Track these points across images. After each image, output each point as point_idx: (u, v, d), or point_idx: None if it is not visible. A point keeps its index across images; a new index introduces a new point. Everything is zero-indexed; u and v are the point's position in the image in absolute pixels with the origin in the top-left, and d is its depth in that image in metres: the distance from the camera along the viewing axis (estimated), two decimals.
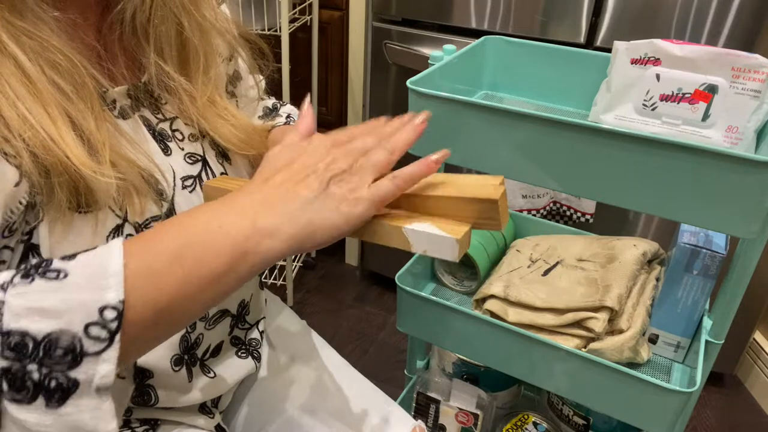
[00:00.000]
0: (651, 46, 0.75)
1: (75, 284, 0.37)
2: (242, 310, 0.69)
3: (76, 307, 0.36)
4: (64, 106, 0.47)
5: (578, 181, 0.69)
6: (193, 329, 0.62)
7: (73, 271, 0.37)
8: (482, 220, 0.47)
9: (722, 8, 1.16)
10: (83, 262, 0.38)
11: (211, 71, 0.61)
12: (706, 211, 0.63)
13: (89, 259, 0.38)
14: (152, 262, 0.39)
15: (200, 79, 0.60)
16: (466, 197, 0.47)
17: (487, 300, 0.87)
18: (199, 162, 0.61)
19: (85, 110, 0.49)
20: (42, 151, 0.44)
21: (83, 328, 0.36)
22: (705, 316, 0.81)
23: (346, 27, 1.61)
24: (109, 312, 0.36)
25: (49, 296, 0.36)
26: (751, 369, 1.58)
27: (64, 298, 0.36)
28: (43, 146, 0.44)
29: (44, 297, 0.36)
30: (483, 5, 1.35)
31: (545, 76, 0.91)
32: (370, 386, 0.77)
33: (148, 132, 0.57)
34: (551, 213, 1.38)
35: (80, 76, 0.49)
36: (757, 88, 0.71)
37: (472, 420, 0.99)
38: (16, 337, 0.35)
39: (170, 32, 0.56)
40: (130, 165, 0.51)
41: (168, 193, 0.56)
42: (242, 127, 0.63)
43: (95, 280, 0.37)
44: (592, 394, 0.78)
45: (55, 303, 0.36)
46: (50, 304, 0.36)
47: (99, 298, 0.36)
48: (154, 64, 0.57)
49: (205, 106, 0.60)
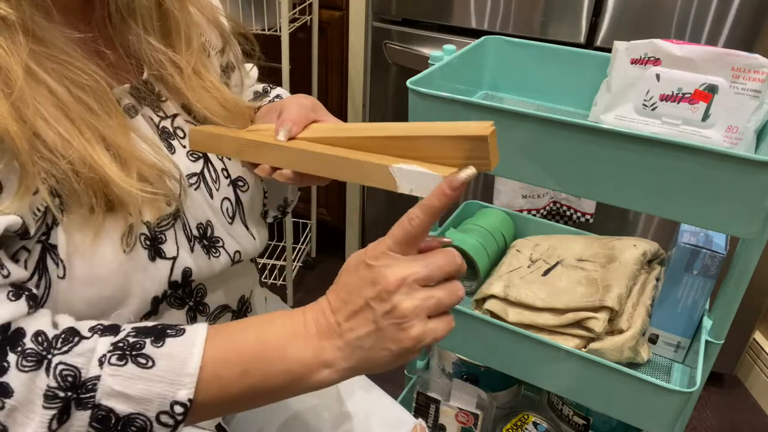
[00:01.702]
0: (651, 46, 0.75)
1: (158, 376, 0.44)
2: (243, 306, 0.69)
3: (154, 399, 0.43)
4: (95, 124, 0.49)
5: (578, 181, 0.69)
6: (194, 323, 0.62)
7: (158, 363, 0.44)
8: (472, 160, 0.45)
9: (722, 8, 1.16)
10: (169, 354, 0.45)
11: (193, 42, 0.61)
12: (706, 211, 0.63)
13: (175, 352, 0.45)
14: (224, 371, 0.46)
15: (184, 49, 0.60)
16: (454, 135, 0.46)
17: (487, 300, 0.87)
18: (201, 159, 0.61)
19: (114, 126, 0.51)
20: (86, 170, 0.47)
21: (155, 415, 0.44)
22: (705, 316, 0.81)
23: (346, 27, 1.61)
24: (178, 407, 0.44)
25: (136, 384, 0.43)
26: (751, 369, 1.58)
27: (147, 388, 0.43)
28: (86, 165, 0.47)
29: (132, 384, 0.43)
30: (483, 5, 1.35)
31: (545, 76, 0.91)
32: (371, 385, 0.77)
33: (152, 130, 0.58)
34: (551, 213, 1.38)
35: (102, 91, 0.50)
36: (757, 88, 0.71)
37: (472, 420, 0.99)
38: (103, 412, 0.43)
39: (150, 4, 0.57)
40: (151, 169, 0.52)
41: (176, 192, 0.56)
42: (227, 100, 0.63)
43: (174, 376, 0.44)
44: (592, 394, 0.78)
45: (139, 392, 0.43)
46: (135, 392, 0.43)
47: (174, 394, 0.44)
48: (141, 39, 0.57)
49: (191, 78, 0.60)
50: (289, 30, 1.41)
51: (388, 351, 0.45)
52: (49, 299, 0.48)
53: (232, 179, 0.64)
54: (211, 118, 0.62)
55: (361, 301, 0.45)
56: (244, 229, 0.65)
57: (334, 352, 0.46)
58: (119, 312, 0.52)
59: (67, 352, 0.43)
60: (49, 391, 0.42)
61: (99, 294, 0.50)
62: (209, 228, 0.60)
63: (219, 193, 0.62)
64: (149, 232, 0.53)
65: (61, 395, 0.42)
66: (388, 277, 0.44)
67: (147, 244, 0.53)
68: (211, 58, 0.66)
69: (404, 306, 0.44)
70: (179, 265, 0.56)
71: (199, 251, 0.58)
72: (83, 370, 0.43)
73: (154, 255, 0.54)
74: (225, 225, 0.62)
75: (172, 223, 0.56)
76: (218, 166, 0.63)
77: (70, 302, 0.49)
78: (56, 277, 0.48)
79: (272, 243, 1.83)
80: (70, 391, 0.42)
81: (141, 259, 0.52)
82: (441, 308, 0.46)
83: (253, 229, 0.66)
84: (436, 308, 0.45)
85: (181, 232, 0.57)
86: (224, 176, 0.63)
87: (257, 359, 0.46)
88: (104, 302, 0.51)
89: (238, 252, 0.63)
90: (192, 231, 0.58)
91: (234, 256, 0.62)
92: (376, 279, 0.45)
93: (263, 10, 1.45)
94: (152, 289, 0.54)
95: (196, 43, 0.62)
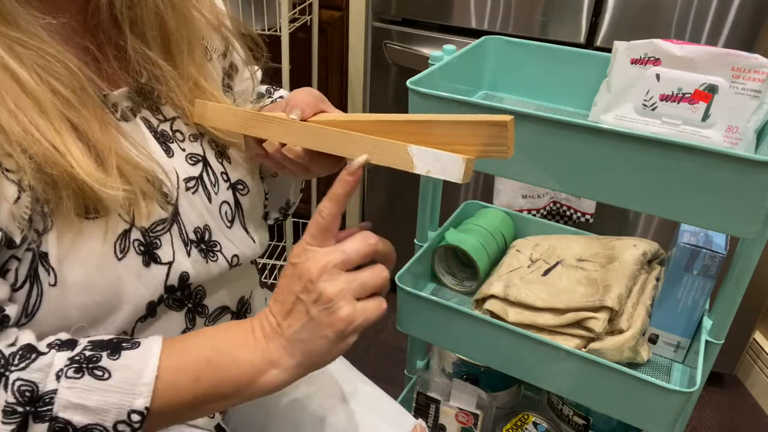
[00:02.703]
0: (651, 46, 0.75)
1: (114, 387, 0.45)
2: (242, 307, 0.69)
3: (111, 409, 0.44)
4: (66, 114, 0.47)
5: (578, 181, 0.69)
6: (193, 325, 0.62)
7: (114, 374, 0.45)
8: (491, 147, 0.46)
9: (722, 8, 1.16)
10: (125, 365, 0.46)
11: (195, 52, 0.61)
12: (706, 211, 0.63)
13: (130, 363, 0.46)
14: (177, 379, 0.47)
15: (184, 61, 0.59)
16: (475, 120, 0.46)
17: (487, 300, 0.87)
18: (200, 162, 0.61)
19: (89, 116, 0.49)
20: (48, 164, 0.45)
21: (113, 425, 0.45)
22: (705, 316, 0.81)
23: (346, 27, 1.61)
24: (135, 416, 0.45)
25: (92, 395, 0.44)
26: (751, 369, 1.57)
27: (104, 399, 0.44)
28: (49, 159, 0.45)
29: (89, 396, 0.44)
30: (483, 5, 1.35)
31: (545, 76, 0.91)
32: (371, 385, 0.77)
33: (149, 134, 0.57)
34: (551, 213, 1.38)
35: (79, 81, 0.49)
36: (757, 88, 0.71)
37: (472, 420, 0.99)
38: (61, 424, 0.43)
39: (148, 15, 0.55)
40: (135, 169, 0.51)
41: (172, 196, 0.56)
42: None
43: (130, 386, 0.45)
44: (592, 394, 0.78)
45: (96, 403, 0.44)
46: (92, 403, 0.44)
47: (130, 404, 0.45)
48: (138, 51, 0.56)
49: (191, 91, 0.60)
50: (289, 30, 1.41)
51: (325, 338, 0.48)
52: (41, 307, 0.48)
53: (232, 183, 0.63)
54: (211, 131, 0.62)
55: (292, 298, 0.49)
56: (244, 232, 0.64)
57: (279, 351, 0.49)
58: (114, 317, 0.52)
59: (24, 368, 0.44)
60: (7, 406, 0.42)
61: (92, 300, 0.50)
62: (207, 232, 0.60)
63: (218, 197, 0.61)
64: (143, 237, 0.53)
65: (20, 410, 0.43)
66: (310, 269, 0.48)
67: (141, 250, 0.53)
68: (213, 61, 0.66)
69: (329, 291, 0.47)
70: (176, 270, 0.56)
71: (196, 255, 0.58)
72: (41, 384, 0.44)
73: (148, 260, 0.53)
74: (223, 229, 0.62)
75: (167, 228, 0.55)
76: (218, 169, 0.62)
77: (63, 309, 0.49)
78: (48, 284, 0.48)
79: (272, 243, 1.83)
80: (28, 406, 0.43)
81: (135, 265, 0.52)
82: (367, 289, 0.49)
83: (253, 232, 0.66)
84: (362, 289, 0.49)
85: (177, 236, 0.56)
86: (224, 180, 0.62)
87: (210, 366, 0.48)
88: (98, 308, 0.51)
89: (236, 256, 0.63)
90: (189, 235, 0.58)
91: (232, 260, 0.62)
92: (301, 273, 0.49)
93: (263, 10, 1.45)
94: (147, 294, 0.54)
95: (198, 52, 0.61)
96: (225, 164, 0.63)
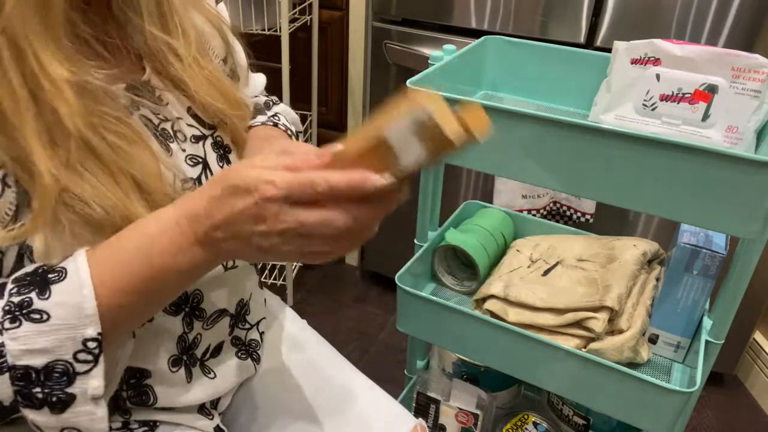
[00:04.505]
0: (651, 46, 0.75)
1: (57, 324, 0.44)
2: (241, 309, 0.69)
3: (65, 343, 0.44)
4: (129, 171, 0.50)
5: (578, 181, 0.69)
6: (191, 329, 0.62)
7: (53, 313, 0.44)
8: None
9: (722, 8, 1.16)
10: (59, 303, 0.44)
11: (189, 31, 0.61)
12: (706, 211, 0.63)
13: (64, 300, 0.44)
14: (119, 300, 0.46)
15: (182, 37, 0.59)
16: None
17: (487, 300, 0.87)
18: (200, 164, 0.61)
19: (144, 163, 0.52)
20: (119, 219, 0.49)
21: (72, 355, 0.44)
22: (705, 316, 0.81)
23: (346, 27, 1.61)
24: (91, 342, 0.44)
25: (39, 339, 0.43)
26: (751, 369, 1.57)
27: (52, 338, 0.44)
28: (117, 211, 0.49)
29: (36, 340, 0.43)
30: (483, 5, 1.35)
31: (545, 76, 0.91)
32: (371, 385, 0.76)
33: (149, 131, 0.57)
34: (551, 213, 1.38)
35: (135, 133, 0.52)
36: (757, 88, 0.71)
37: (472, 420, 0.99)
38: (21, 371, 0.43)
39: None
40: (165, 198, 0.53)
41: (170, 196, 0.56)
42: (227, 91, 0.63)
43: (75, 320, 0.44)
44: (592, 394, 0.78)
45: (46, 344, 0.43)
46: (42, 345, 0.43)
47: (81, 335, 0.44)
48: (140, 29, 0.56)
49: (191, 66, 0.60)
50: (289, 30, 1.41)
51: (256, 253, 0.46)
52: None
53: None
54: (212, 106, 0.62)
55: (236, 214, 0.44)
56: None
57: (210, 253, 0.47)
58: None
59: None
60: None
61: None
62: None
63: None
64: None
65: None
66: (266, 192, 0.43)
67: None
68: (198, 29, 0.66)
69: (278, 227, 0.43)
70: None
71: None
72: None
73: None
74: None
75: None
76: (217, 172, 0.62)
77: None
78: None
79: None
80: None
81: None
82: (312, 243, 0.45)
83: None
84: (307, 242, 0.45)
85: None
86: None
87: (151, 281, 0.47)
88: None
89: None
90: None
91: (226, 263, 0.62)
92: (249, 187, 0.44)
93: (263, 10, 1.45)
94: None
95: (192, 32, 0.61)
96: (224, 166, 0.63)
